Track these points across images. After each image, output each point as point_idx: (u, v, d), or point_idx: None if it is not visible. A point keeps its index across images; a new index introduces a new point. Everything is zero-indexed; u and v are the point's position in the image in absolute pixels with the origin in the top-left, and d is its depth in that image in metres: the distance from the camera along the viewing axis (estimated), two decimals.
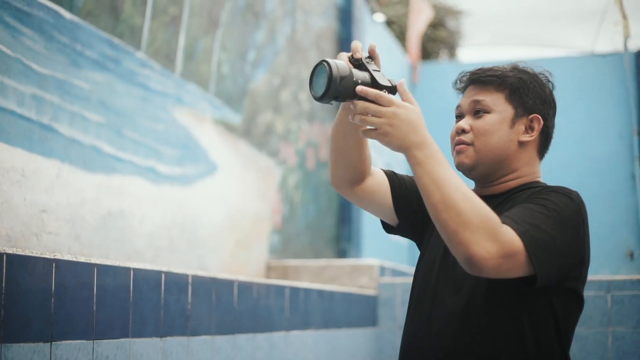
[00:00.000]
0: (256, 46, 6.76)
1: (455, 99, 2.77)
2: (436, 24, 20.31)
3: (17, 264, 2.60)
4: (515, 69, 2.58)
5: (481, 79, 2.57)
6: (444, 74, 14.16)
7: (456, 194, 2.14)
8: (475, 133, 2.52)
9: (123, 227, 4.66)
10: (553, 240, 2.23)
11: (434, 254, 2.55)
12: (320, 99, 2.24)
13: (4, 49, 3.73)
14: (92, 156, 4.39)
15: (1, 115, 3.69)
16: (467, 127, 2.54)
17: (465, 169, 2.55)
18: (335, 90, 2.20)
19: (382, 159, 10.27)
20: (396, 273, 7.01)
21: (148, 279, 3.31)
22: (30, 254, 2.66)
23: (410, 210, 2.66)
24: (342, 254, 8.65)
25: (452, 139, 2.60)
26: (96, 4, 4.49)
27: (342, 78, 2.20)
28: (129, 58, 4.82)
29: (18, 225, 3.76)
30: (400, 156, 5.99)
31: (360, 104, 2.21)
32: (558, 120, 2.62)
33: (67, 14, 4.20)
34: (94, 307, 2.97)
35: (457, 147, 2.56)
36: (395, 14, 18.83)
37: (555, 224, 2.26)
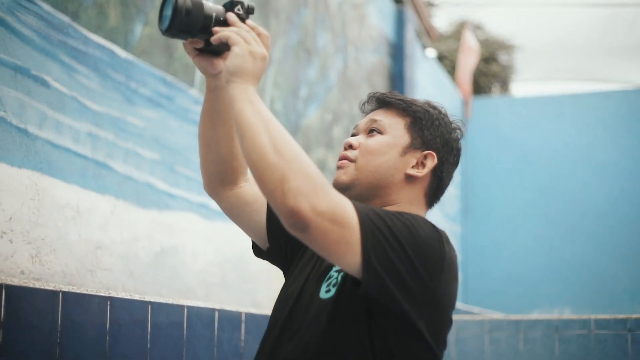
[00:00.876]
0: (308, 82, 6.78)
1: (508, 134, 2.71)
2: (488, 59, 20.27)
3: (73, 301, 2.61)
4: (427, 103, 2.42)
5: (386, 100, 2.40)
6: (496, 108, 14.12)
7: (288, 141, 1.92)
8: (361, 150, 2.32)
9: (176, 263, 4.68)
10: (398, 246, 1.99)
11: (293, 290, 2.31)
12: (167, 32, 2.05)
13: (59, 87, 3.77)
14: (146, 192, 4.42)
15: (57, 152, 3.73)
16: (355, 143, 2.35)
17: (341, 187, 2.31)
18: (181, 22, 2.03)
19: None
20: None
21: (201, 317, 3.30)
22: (85, 292, 2.68)
23: (283, 237, 2.39)
24: None
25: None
26: (150, 42, 4.54)
27: (189, 10, 2.02)
28: (182, 95, 4.86)
29: (73, 261, 3.78)
30: None
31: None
32: (611, 154, 2.53)
33: (122, 53, 4.25)
34: (148, 345, 2.97)
35: (339, 163, 2.35)
36: (446, 49, 18.83)
37: (409, 235, 2.02)
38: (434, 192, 2.39)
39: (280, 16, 6.35)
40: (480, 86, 19.29)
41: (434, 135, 2.35)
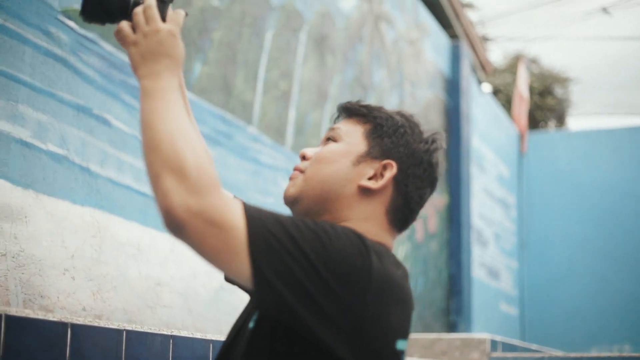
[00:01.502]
0: None
1: (564, 168, 2.51)
2: (543, 92, 20.14)
3: (136, 339, 2.62)
4: (397, 111, 2.15)
5: (349, 108, 2.16)
6: (552, 142, 14.00)
7: (168, 136, 1.71)
8: (311, 160, 2.07)
9: (234, 300, 4.69)
10: (301, 255, 1.71)
11: (238, 320, 2.10)
12: (82, 16, 1.91)
13: (121, 125, 3.82)
14: None
15: (118, 190, 3.78)
16: (308, 153, 2.10)
17: (288, 201, 2.08)
18: (94, 3, 1.89)
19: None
20: (508, 347, 6.85)
21: None
22: (148, 330, 2.69)
23: None
24: (452, 327, 8.51)
25: None
26: (209, 80, 4.59)
27: None
28: (241, 133, 4.90)
29: (133, 298, 3.81)
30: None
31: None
32: None
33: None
34: None
35: (290, 175, 2.12)
36: (501, 83, 18.74)
37: (317, 245, 1.73)
38: (399, 210, 2.04)
39: (336, 53, 6.38)
40: (536, 120, 19.15)
41: (397, 144, 2.04)
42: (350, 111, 2.14)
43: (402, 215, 2.06)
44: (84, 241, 3.52)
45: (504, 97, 17.99)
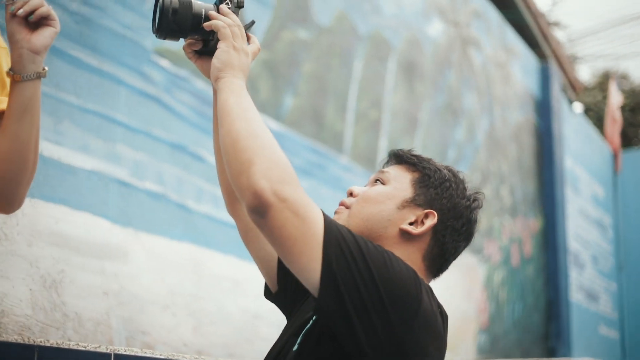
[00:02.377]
0: (456, 144, 6.74)
1: None
2: (634, 108, 19.72)
3: None
4: (445, 166, 2.20)
5: (400, 155, 2.22)
6: None
7: (264, 131, 1.81)
8: (359, 198, 2.12)
9: None
10: (366, 270, 1.78)
11: (278, 343, 2.16)
12: (157, 34, 1.97)
13: (215, 161, 3.86)
14: None
15: (214, 225, 3.81)
16: (356, 190, 2.16)
17: None
18: (169, 22, 1.95)
19: None
20: None
21: None
22: None
23: (291, 277, 2.19)
24: (551, 352, 8.35)
25: None
26: (300, 112, 4.61)
27: (175, 9, 1.94)
28: (333, 163, 4.90)
29: (232, 332, 3.82)
30: None
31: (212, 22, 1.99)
32: None
33: (273, 124, 4.32)
34: None
35: (336, 209, 2.17)
36: (591, 101, 18.42)
37: (382, 265, 1.81)
38: (435, 258, 2.12)
39: (425, 80, 6.36)
40: (628, 137, 18.78)
41: (441, 196, 2.11)
42: (401, 158, 2.21)
43: (437, 263, 2.14)
44: (183, 277, 3.55)
45: (594, 115, 17.70)
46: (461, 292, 6.54)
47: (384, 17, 5.80)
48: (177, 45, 3.68)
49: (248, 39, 2.05)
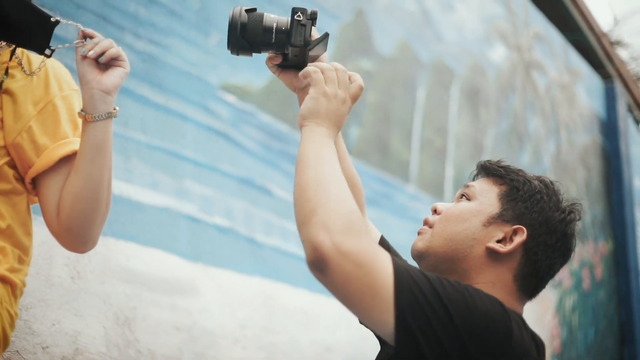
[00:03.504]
0: (522, 168, 6.67)
1: None
2: None
3: None
4: (536, 176, 2.07)
5: (487, 167, 2.09)
6: None
7: (335, 182, 1.70)
8: (441, 216, 2.01)
9: None
10: (444, 314, 1.66)
11: None
12: (229, 50, 1.94)
13: (283, 194, 3.87)
14: None
15: (283, 258, 3.81)
16: (440, 207, 2.05)
17: (415, 256, 2.03)
18: (238, 37, 1.91)
19: None
20: None
21: None
22: None
23: None
24: None
25: None
26: (366, 143, 4.60)
27: (244, 24, 1.91)
28: (399, 192, 4.88)
29: None
30: None
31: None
32: None
33: None
34: None
35: (419, 229, 2.06)
36: None
37: (462, 305, 1.68)
38: (527, 277, 1.95)
39: (489, 105, 6.32)
40: None
41: (530, 210, 1.96)
42: (488, 170, 2.08)
43: (530, 283, 1.98)
44: (253, 310, 3.55)
45: None
46: (533, 318, 6.45)
47: (445, 44, 5.78)
48: (243, 80, 3.71)
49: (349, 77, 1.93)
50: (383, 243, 2.22)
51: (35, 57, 1.96)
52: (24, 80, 1.92)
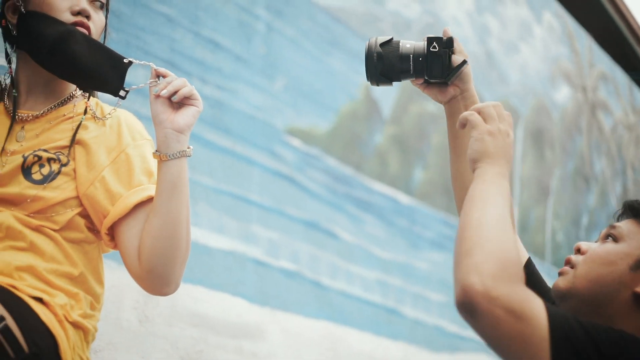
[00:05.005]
0: (589, 210, 6.59)
1: None
2: None
3: None
4: None
5: (634, 207, 1.95)
6: None
7: (497, 223, 1.61)
8: (586, 257, 1.89)
9: None
10: (598, 356, 1.57)
11: None
12: (369, 81, 1.90)
13: (348, 237, 3.86)
14: (436, 336, 4.39)
15: (349, 302, 3.79)
16: (583, 247, 1.93)
17: (557, 295, 1.92)
18: (375, 68, 1.88)
19: None
20: None
21: None
22: None
23: None
24: None
25: None
26: (431, 185, 4.59)
27: (380, 54, 1.87)
28: None
29: None
30: None
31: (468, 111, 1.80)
32: None
33: (404, 198, 4.31)
34: None
35: (561, 269, 1.95)
36: None
37: (620, 357, 1.59)
38: None
39: (555, 146, 6.26)
40: None
41: None
42: (637, 211, 1.94)
43: None
44: (319, 354, 3.54)
45: None
46: None
47: (510, 85, 5.75)
48: (307, 124, 3.74)
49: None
50: (529, 266, 2.10)
51: (108, 109, 1.98)
52: (97, 130, 1.93)
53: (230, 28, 3.53)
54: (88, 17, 1.93)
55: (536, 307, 1.55)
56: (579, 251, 1.92)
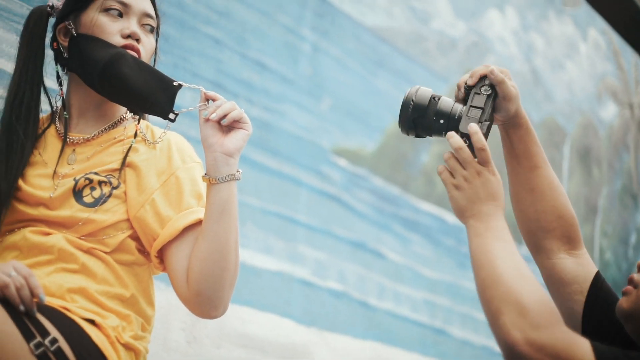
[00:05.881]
0: (637, 228, 6.51)
1: None
2: None
3: None
4: None
5: None
6: None
7: (508, 272, 1.59)
8: None
9: None
10: None
11: None
12: (400, 129, 1.84)
13: (395, 257, 3.85)
14: (484, 356, 4.35)
15: (396, 322, 3.78)
16: None
17: (621, 316, 1.86)
18: (408, 121, 1.82)
19: None
20: None
21: None
22: None
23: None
24: None
25: None
26: None
27: (415, 109, 1.80)
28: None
29: None
30: None
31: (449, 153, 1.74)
32: None
33: (450, 218, 4.29)
34: None
35: (624, 288, 1.87)
36: None
37: None
38: None
39: (602, 164, 6.20)
40: None
41: None
42: None
43: None
44: None
45: None
46: None
47: (556, 103, 5.71)
48: (354, 144, 3.74)
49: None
50: (597, 281, 2.02)
51: (158, 131, 1.99)
52: (148, 153, 1.94)
53: (276, 49, 3.54)
54: (138, 40, 1.95)
55: (583, 349, 1.54)
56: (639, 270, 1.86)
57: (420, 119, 1.82)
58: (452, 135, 1.73)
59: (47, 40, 2.00)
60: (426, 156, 4.26)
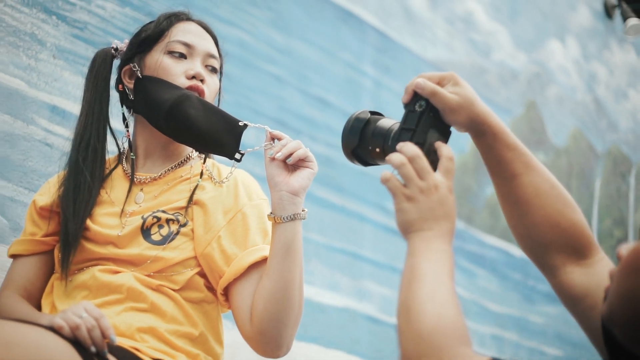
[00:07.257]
0: None
1: None
2: None
3: None
4: None
5: None
6: None
7: (423, 292, 1.40)
8: None
9: None
10: None
11: None
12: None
13: (461, 291, 3.81)
14: None
15: None
16: None
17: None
18: (351, 153, 1.60)
19: None
20: None
21: None
22: None
23: None
24: None
25: None
26: None
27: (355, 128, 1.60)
28: None
29: None
30: None
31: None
32: None
33: (517, 251, 4.24)
34: None
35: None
36: None
37: None
38: None
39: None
40: None
41: None
42: None
43: None
44: None
45: None
46: None
47: (620, 132, 5.64)
48: None
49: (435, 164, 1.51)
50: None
51: (224, 169, 2.01)
52: (214, 191, 1.95)
53: (337, 85, 3.55)
54: (202, 80, 1.97)
55: None
56: None
57: (362, 153, 1.62)
58: (403, 145, 1.48)
59: (112, 81, 2.02)
60: (490, 189, 4.22)
